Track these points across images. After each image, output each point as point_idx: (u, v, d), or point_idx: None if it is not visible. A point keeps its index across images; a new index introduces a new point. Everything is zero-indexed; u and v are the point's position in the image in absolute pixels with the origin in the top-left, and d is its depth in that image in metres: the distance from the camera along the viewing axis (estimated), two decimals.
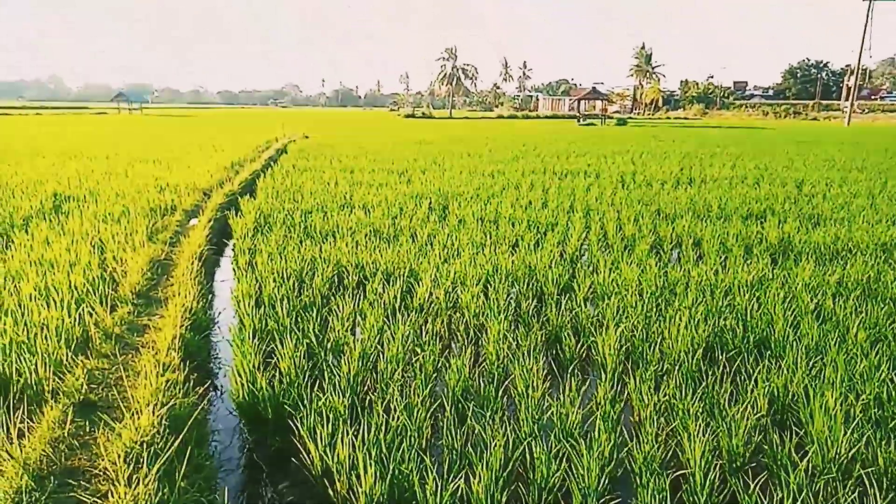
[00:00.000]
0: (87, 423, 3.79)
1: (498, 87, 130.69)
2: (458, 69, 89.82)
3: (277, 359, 4.60)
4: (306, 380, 4.34)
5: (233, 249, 8.45)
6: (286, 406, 4.11)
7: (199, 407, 4.08)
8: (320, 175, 14.76)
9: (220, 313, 6.42)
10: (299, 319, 5.40)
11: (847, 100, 66.22)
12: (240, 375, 4.32)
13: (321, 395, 4.07)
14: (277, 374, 4.40)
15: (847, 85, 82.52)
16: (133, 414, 3.73)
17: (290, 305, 5.68)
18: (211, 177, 13.72)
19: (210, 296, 6.94)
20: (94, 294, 5.75)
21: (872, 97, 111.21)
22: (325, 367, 4.53)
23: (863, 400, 3.93)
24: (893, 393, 4.01)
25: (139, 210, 9.67)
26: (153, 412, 3.69)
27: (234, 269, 7.45)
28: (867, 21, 54.02)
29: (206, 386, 4.74)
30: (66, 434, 3.63)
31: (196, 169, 14.77)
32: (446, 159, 18.65)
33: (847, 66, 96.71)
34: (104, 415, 3.82)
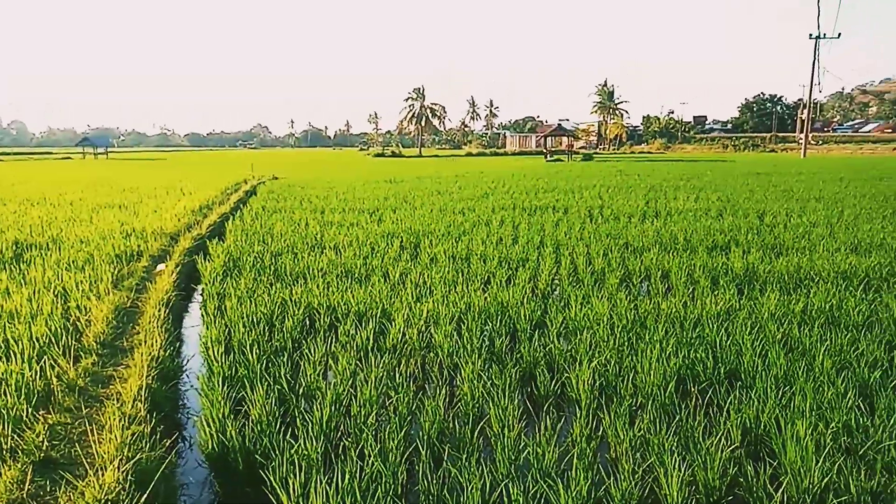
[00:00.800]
0: (48, 482, 3.63)
1: (466, 126, 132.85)
2: (426, 108, 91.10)
3: (248, 406, 4.50)
4: (278, 427, 4.24)
5: (201, 294, 8.31)
6: (257, 455, 4.00)
7: (167, 460, 3.95)
8: (290, 216, 14.70)
9: (188, 361, 6.28)
10: (270, 365, 5.31)
11: (802, 132, 68.79)
12: (208, 425, 4.21)
13: (293, 442, 3.98)
14: (248, 422, 4.30)
15: (801, 118, 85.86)
16: (97, 470, 3.60)
17: (260, 350, 5.58)
18: (179, 221, 13.56)
19: (178, 343, 6.79)
20: (57, 345, 5.58)
21: (825, 129, 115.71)
22: (297, 414, 4.44)
23: (832, 428, 3.98)
24: (861, 420, 4.09)
25: (104, 257, 9.48)
26: (118, 468, 3.56)
27: (202, 315, 7.32)
28: (815, 58, 56.63)
29: (174, 437, 4.60)
30: (24, 495, 3.47)
31: (163, 213, 14.60)
32: (417, 197, 18.77)
33: (800, 99, 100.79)
34: (66, 472, 3.67)
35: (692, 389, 4.88)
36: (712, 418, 4.34)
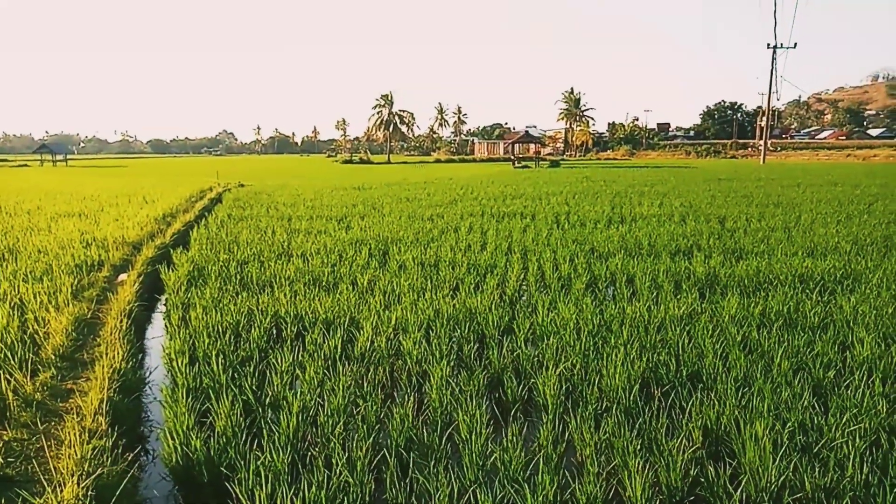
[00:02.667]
0: (3, 501, 3.53)
1: (434, 132, 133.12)
2: (394, 115, 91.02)
3: (213, 418, 4.44)
4: (244, 438, 4.19)
5: (165, 304, 8.17)
6: (223, 468, 3.95)
7: (130, 474, 3.87)
8: (256, 224, 14.54)
9: (151, 372, 6.16)
10: (236, 375, 5.25)
11: (761, 139, 70.73)
12: (172, 438, 4.14)
13: (260, 453, 3.94)
14: (213, 434, 4.24)
15: (760, 125, 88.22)
16: (55, 487, 3.51)
17: (225, 361, 5.51)
18: (141, 229, 13.30)
19: (140, 354, 6.66)
20: (13, 359, 5.43)
21: (783, 136, 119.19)
22: (263, 424, 4.40)
23: (789, 427, 4.11)
24: (816, 419, 4.22)
25: (63, 267, 9.25)
26: (78, 483, 3.48)
27: (166, 325, 7.19)
28: (773, 67, 58.34)
29: (136, 451, 4.50)
30: None
31: (125, 222, 14.30)
32: (385, 204, 18.74)
33: (759, 107, 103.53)
34: (23, 490, 3.57)
35: (655, 392, 4.98)
36: (675, 420, 4.44)
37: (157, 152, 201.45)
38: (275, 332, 6.66)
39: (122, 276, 9.28)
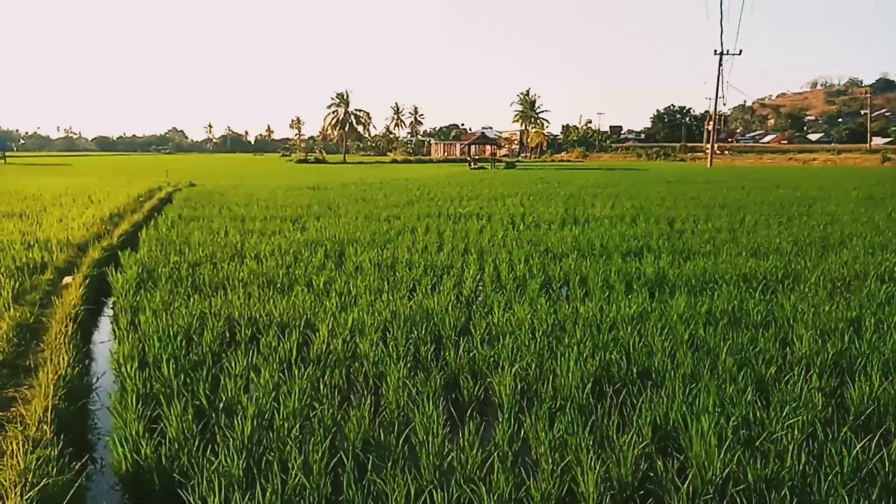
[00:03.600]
0: None
1: (391, 132, 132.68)
2: (350, 114, 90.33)
3: (164, 424, 4.35)
4: (197, 444, 4.12)
5: (112, 308, 7.93)
6: (175, 475, 3.88)
7: (77, 484, 3.76)
8: (208, 224, 14.24)
9: (98, 378, 5.98)
10: (188, 380, 5.15)
11: (709, 142, 72.98)
12: (122, 445, 4.04)
13: (213, 459, 3.88)
14: (164, 440, 4.15)
15: (708, 129, 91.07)
16: None
17: (177, 365, 5.39)
18: (87, 230, 12.86)
19: (87, 360, 6.45)
20: None
21: (729, 140, 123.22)
22: (217, 430, 4.33)
23: (733, 422, 4.28)
24: (758, 413, 4.41)
25: (3, 270, 8.87)
26: (21, 496, 3.37)
27: (114, 330, 6.99)
28: (719, 73, 60.32)
29: (83, 460, 4.37)
30: None
31: (69, 222, 13.80)
32: (341, 205, 18.61)
33: (706, 111, 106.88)
34: None
35: (607, 390, 5.10)
36: (626, 417, 4.57)
37: (103, 150, 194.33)
38: (228, 335, 6.55)
39: (67, 279, 8.97)
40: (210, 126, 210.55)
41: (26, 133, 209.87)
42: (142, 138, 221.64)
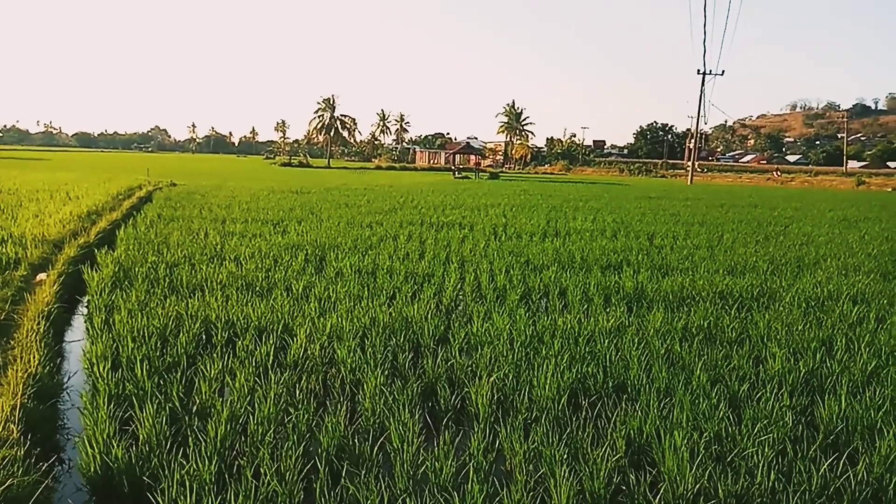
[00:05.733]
0: None
1: (376, 139, 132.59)
2: (336, 119, 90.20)
3: (136, 426, 4.29)
4: (169, 447, 4.07)
5: (87, 307, 7.81)
6: (145, 477, 3.82)
7: (43, 485, 3.69)
8: (188, 225, 14.10)
9: (69, 378, 5.88)
10: (162, 382, 5.08)
11: (689, 160, 74.02)
12: (92, 446, 3.98)
13: (185, 462, 3.83)
14: (136, 442, 4.10)
15: (689, 147, 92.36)
16: None
17: (151, 367, 5.33)
18: (63, 227, 12.66)
19: (59, 359, 6.35)
20: None
21: (710, 158, 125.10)
22: (190, 433, 4.28)
23: (705, 437, 4.33)
24: (730, 429, 4.47)
25: None
26: None
27: (87, 329, 6.88)
28: (701, 92, 61.27)
29: (51, 461, 4.29)
30: None
31: (46, 218, 13.56)
32: (324, 209, 18.54)
33: (688, 129, 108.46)
34: None
35: (583, 402, 5.14)
36: (600, 429, 4.60)
37: (84, 146, 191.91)
38: (204, 337, 6.48)
39: (41, 276, 8.82)
40: (193, 126, 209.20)
41: (4, 126, 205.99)
42: (123, 136, 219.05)
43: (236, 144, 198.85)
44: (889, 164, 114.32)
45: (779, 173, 75.54)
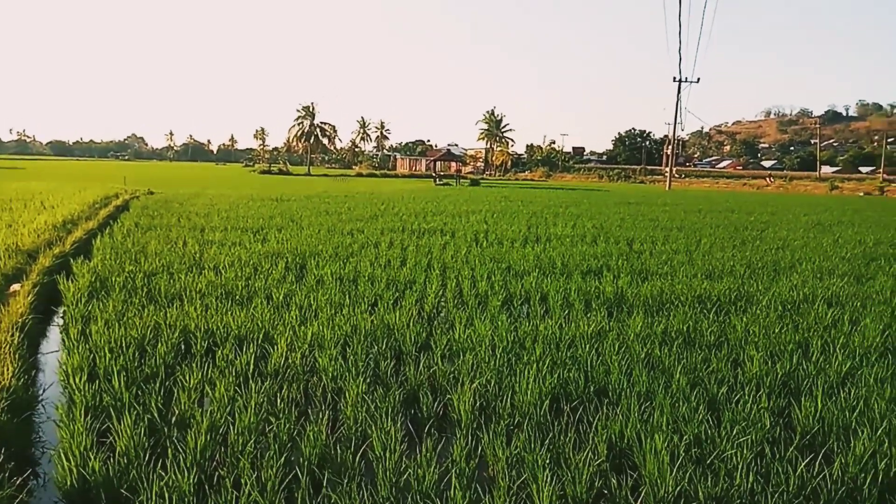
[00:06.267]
0: None
1: (356, 146, 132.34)
2: (316, 127, 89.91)
3: (114, 438, 4.23)
4: (147, 459, 4.01)
5: (63, 317, 7.68)
6: (123, 490, 3.76)
7: (18, 499, 3.62)
8: (166, 234, 13.95)
9: (45, 390, 5.77)
10: (140, 393, 5.02)
11: (667, 166, 74.92)
12: (68, 459, 3.91)
13: (164, 474, 3.78)
14: (114, 454, 4.03)
15: (666, 153, 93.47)
16: None
17: (129, 378, 5.25)
18: (38, 236, 12.44)
19: (34, 371, 6.22)
20: None
21: (687, 164, 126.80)
22: (169, 444, 4.23)
23: (685, 440, 4.38)
24: (710, 432, 4.52)
25: None
26: None
27: (63, 340, 6.76)
28: (678, 99, 62.14)
29: (26, 474, 4.20)
30: None
31: (19, 228, 13.33)
32: (304, 217, 18.45)
33: (666, 136, 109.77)
34: None
35: (565, 407, 5.16)
36: (582, 434, 4.62)
37: (59, 154, 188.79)
38: (183, 347, 6.40)
39: (15, 287, 8.66)
40: (171, 133, 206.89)
41: None
42: (100, 144, 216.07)
43: (215, 152, 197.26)
44: (861, 169, 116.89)
45: (772, 179, 76.95)
